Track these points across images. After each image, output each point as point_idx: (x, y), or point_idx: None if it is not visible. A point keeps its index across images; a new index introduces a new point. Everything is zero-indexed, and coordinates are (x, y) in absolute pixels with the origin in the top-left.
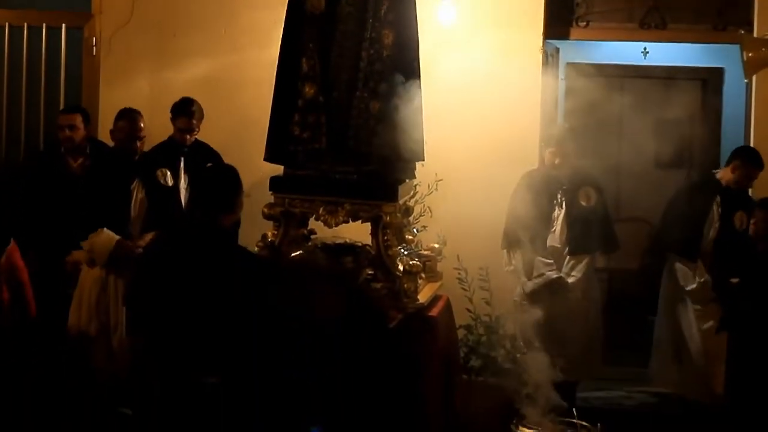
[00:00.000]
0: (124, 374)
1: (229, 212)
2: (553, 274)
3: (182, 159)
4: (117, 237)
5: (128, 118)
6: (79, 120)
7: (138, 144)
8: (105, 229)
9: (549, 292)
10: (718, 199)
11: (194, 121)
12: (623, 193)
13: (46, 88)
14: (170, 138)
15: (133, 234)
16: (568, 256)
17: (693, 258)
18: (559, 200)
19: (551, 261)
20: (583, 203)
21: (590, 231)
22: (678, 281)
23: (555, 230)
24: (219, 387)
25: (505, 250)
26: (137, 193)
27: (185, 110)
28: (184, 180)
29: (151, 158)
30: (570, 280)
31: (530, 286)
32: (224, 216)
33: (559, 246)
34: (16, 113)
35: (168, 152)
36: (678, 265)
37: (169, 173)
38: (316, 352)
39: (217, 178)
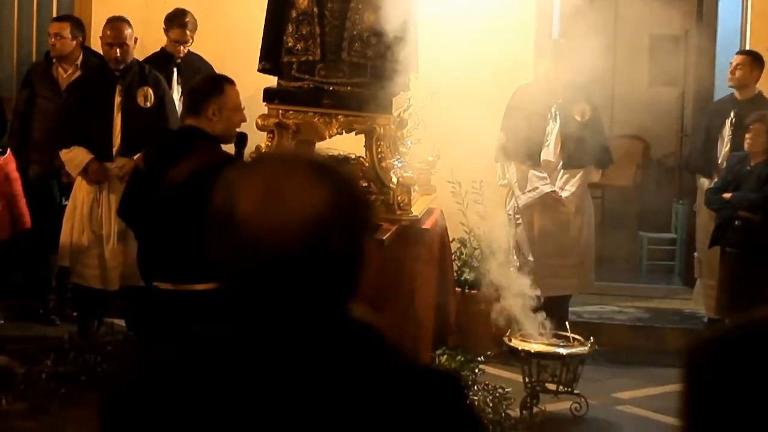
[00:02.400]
0: (115, 285)
1: (194, 114)
2: (547, 188)
3: (175, 70)
4: (89, 157)
5: (111, 26)
6: (67, 30)
7: (119, 52)
8: (76, 147)
9: (542, 206)
10: (732, 115)
11: (188, 32)
12: (617, 110)
13: (38, 1)
14: (162, 49)
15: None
16: (561, 171)
17: (708, 174)
18: (553, 114)
19: (545, 175)
20: (578, 118)
21: (584, 146)
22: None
23: (549, 144)
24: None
25: (498, 164)
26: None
27: (179, 21)
28: (178, 91)
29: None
30: (563, 194)
31: (523, 199)
32: (190, 117)
33: (552, 160)
34: (8, 22)
35: (161, 63)
36: (699, 182)
37: (151, 92)
38: None
39: (192, 85)
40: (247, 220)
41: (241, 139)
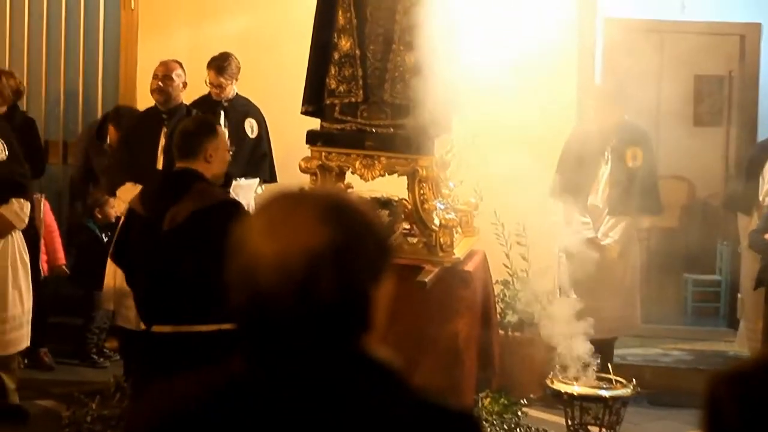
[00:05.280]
0: None
1: (190, 156)
2: (589, 234)
3: (222, 113)
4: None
5: (162, 62)
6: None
7: (161, 84)
8: (129, 183)
9: (583, 250)
10: None
11: (223, 77)
12: (661, 151)
13: (84, 41)
14: (210, 92)
15: None
16: (608, 216)
17: (748, 212)
18: (606, 157)
19: (588, 220)
20: (629, 163)
21: (632, 192)
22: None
23: (598, 189)
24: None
25: (551, 200)
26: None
27: (215, 64)
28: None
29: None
30: (606, 241)
31: (565, 242)
32: (185, 159)
33: (599, 205)
34: (56, 68)
35: (209, 106)
36: (739, 219)
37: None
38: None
39: (183, 127)
40: (252, 249)
41: (228, 179)
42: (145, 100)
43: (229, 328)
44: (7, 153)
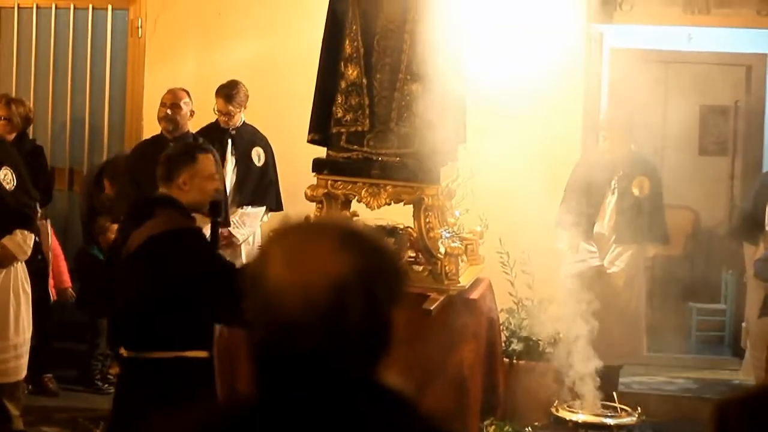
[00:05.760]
0: None
1: (166, 182)
2: (595, 262)
3: (230, 141)
4: None
5: (169, 90)
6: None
7: (170, 112)
8: None
9: (590, 277)
10: None
11: (231, 105)
12: (667, 180)
13: (91, 69)
14: (217, 120)
15: None
16: (614, 245)
17: (754, 241)
18: (612, 187)
19: (595, 249)
20: (636, 192)
21: (639, 221)
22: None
23: (604, 218)
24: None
25: (557, 228)
26: None
27: (223, 92)
28: (231, 162)
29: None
30: (612, 269)
31: (571, 270)
32: (163, 185)
33: (605, 233)
34: (62, 94)
35: (215, 134)
36: (745, 249)
37: None
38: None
39: (166, 152)
40: (274, 282)
41: (215, 207)
42: (151, 127)
43: (189, 355)
44: (15, 182)
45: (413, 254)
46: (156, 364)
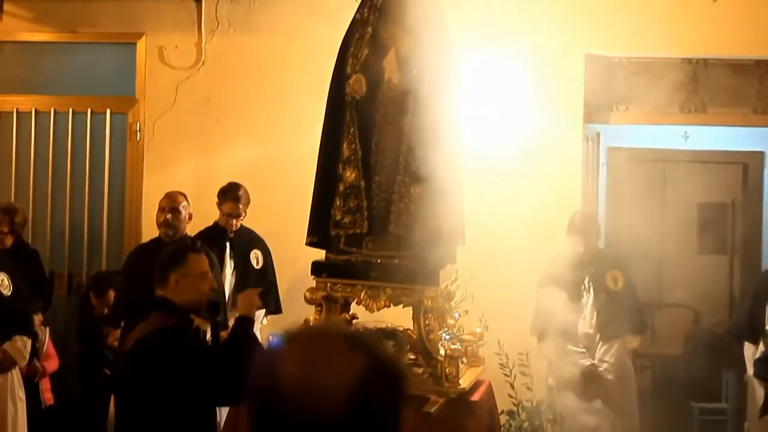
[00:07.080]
0: None
1: (161, 284)
2: (586, 362)
3: (228, 244)
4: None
5: (167, 194)
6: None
7: (170, 217)
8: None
9: (583, 379)
10: None
11: (241, 206)
12: (665, 279)
13: (90, 172)
14: (215, 223)
15: None
16: (600, 342)
17: (754, 341)
18: (587, 286)
19: (583, 349)
20: (611, 287)
21: (620, 314)
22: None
23: (585, 316)
24: None
25: (535, 339)
26: None
27: (232, 194)
28: (230, 266)
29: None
30: (603, 366)
31: (563, 375)
32: (158, 288)
33: (590, 332)
34: (61, 198)
35: (214, 238)
36: (745, 348)
37: None
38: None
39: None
40: (290, 390)
41: (213, 308)
42: (150, 230)
43: None
44: (11, 289)
45: (413, 356)
46: None
